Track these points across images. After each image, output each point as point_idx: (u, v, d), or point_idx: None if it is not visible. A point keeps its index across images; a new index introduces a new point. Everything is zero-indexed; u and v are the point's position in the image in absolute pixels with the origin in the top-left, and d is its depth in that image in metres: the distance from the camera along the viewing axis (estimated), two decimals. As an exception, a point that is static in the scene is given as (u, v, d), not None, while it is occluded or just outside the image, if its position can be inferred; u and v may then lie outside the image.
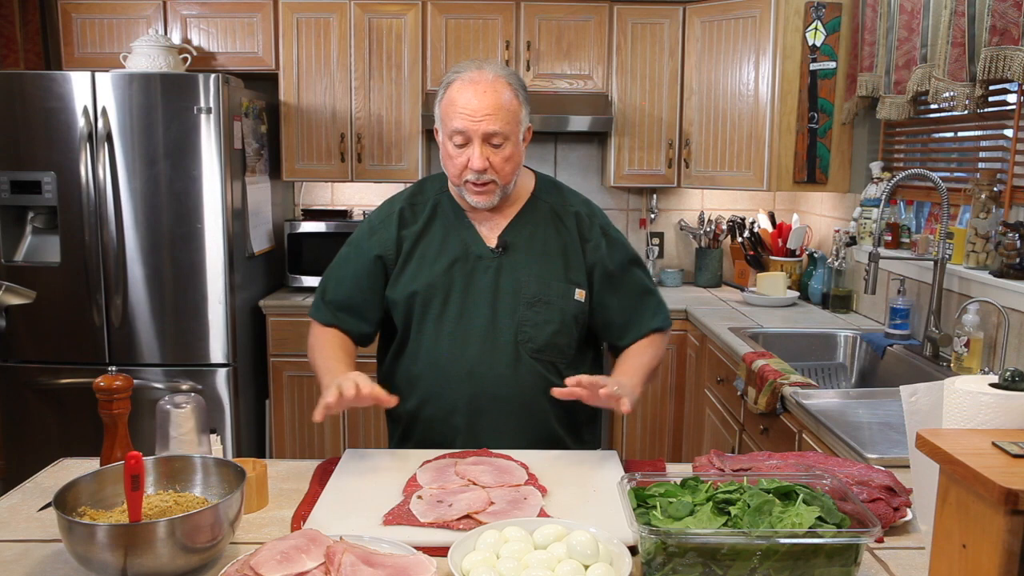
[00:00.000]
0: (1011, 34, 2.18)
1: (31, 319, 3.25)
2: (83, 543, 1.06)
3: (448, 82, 1.66)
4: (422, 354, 1.73)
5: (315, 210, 3.99)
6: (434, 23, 3.61)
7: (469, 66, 1.66)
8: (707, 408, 3.12)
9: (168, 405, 1.42)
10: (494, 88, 1.62)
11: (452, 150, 1.65)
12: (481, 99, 1.61)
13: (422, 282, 1.72)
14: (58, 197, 3.18)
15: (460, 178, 1.67)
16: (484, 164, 1.63)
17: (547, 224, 1.77)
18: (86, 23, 3.63)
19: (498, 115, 1.61)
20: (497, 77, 1.64)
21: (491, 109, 1.61)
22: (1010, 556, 0.85)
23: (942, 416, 1.05)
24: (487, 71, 1.64)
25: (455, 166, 1.66)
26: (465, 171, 1.65)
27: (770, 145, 3.41)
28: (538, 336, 1.71)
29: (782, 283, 3.49)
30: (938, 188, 2.47)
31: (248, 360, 3.45)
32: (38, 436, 3.32)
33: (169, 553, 1.07)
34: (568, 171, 4.06)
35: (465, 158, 1.64)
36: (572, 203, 1.83)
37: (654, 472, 1.40)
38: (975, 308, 2.33)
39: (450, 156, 1.66)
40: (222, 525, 1.12)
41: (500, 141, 1.63)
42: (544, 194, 1.81)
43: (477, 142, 1.62)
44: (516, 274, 1.72)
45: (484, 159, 1.63)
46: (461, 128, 1.61)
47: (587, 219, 1.82)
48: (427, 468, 1.47)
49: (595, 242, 1.80)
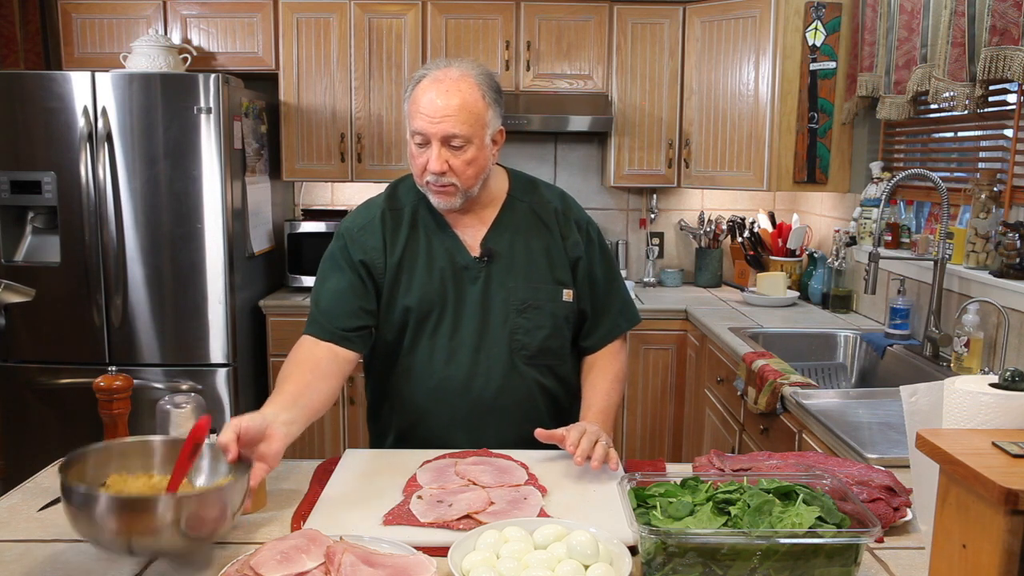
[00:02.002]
0: (1011, 34, 2.18)
1: (31, 319, 3.25)
2: (90, 514, 1.06)
3: (416, 79, 1.62)
4: (416, 372, 1.69)
5: (315, 210, 3.99)
6: (434, 23, 3.61)
7: (438, 64, 1.61)
8: (707, 408, 3.12)
9: (168, 405, 1.42)
10: (458, 87, 1.56)
11: (414, 149, 1.61)
12: (443, 99, 1.55)
13: (415, 297, 1.67)
14: (58, 197, 3.18)
15: (421, 178, 1.63)
16: (443, 167, 1.57)
17: (528, 226, 1.73)
18: (86, 23, 3.63)
19: (459, 116, 1.55)
20: (463, 75, 1.57)
21: (452, 110, 1.55)
22: (1010, 556, 0.85)
23: (942, 416, 1.05)
24: (453, 69, 1.58)
25: (416, 166, 1.63)
26: (425, 172, 1.61)
27: (770, 145, 3.41)
28: (531, 342, 1.69)
29: (782, 283, 3.49)
30: (938, 188, 2.47)
31: (248, 360, 3.45)
32: (38, 436, 3.32)
33: (174, 533, 1.06)
34: (568, 171, 4.06)
35: (425, 159, 1.59)
36: (549, 199, 1.77)
37: (654, 472, 1.40)
38: (975, 308, 2.33)
39: (413, 156, 1.62)
40: (232, 506, 1.13)
41: (461, 143, 1.57)
42: (520, 194, 1.76)
43: (436, 144, 1.57)
44: (504, 282, 1.68)
45: (443, 161, 1.57)
46: (420, 129, 1.57)
47: (563, 214, 1.76)
48: (427, 468, 1.47)
49: (573, 238, 1.75)
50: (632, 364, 3.46)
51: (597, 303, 1.78)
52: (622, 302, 1.81)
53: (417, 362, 1.70)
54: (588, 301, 1.76)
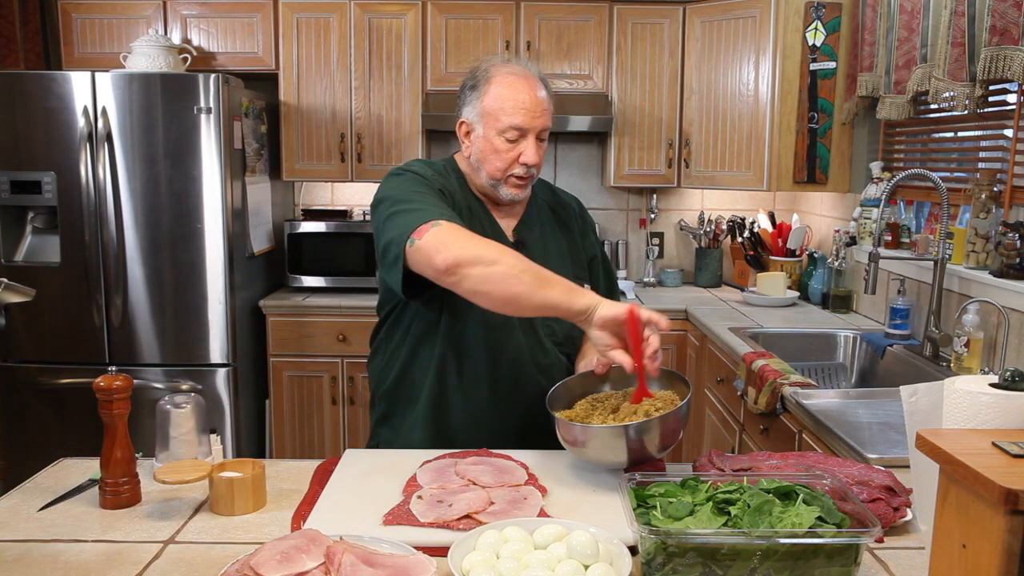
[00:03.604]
0: (1011, 34, 2.18)
1: (31, 319, 3.25)
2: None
3: (487, 78, 1.66)
4: (464, 334, 1.67)
5: (315, 210, 3.99)
6: (434, 23, 3.61)
7: (507, 61, 1.68)
8: (707, 408, 3.12)
9: (168, 405, 1.42)
10: (541, 84, 1.67)
11: (502, 145, 1.64)
12: (535, 94, 1.64)
13: None
14: (58, 197, 3.18)
15: (506, 172, 1.66)
16: (539, 157, 1.66)
17: (550, 222, 1.81)
18: (86, 23, 3.63)
19: (549, 111, 1.67)
20: (536, 74, 1.68)
21: (546, 104, 1.66)
22: (1010, 556, 0.85)
23: (942, 416, 1.05)
24: (529, 67, 1.68)
25: (504, 160, 1.65)
26: (514, 165, 1.65)
27: (770, 145, 3.41)
28: (560, 330, 1.74)
29: (782, 283, 3.49)
30: (938, 188, 2.47)
31: (248, 360, 3.45)
32: (38, 436, 3.33)
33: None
34: (568, 171, 4.06)
35: (517, 152, 1.64)
36: (567, 200, 1.88)
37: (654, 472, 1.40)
38: (975, 308, 2.33)
39: (497, 151, 1.65)
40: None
41: (545, 136, 1.68)
42: (541, 192, 1.85)
43: (532, 137, 1.64)
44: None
45: (538, 153, 1.66)
46: (520, 124, 1.62)
47: (581, 217, 1.88)
48: (427, 468, 1.47)
49: (590, 239, 1.87)
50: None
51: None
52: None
53: (464, 325, 1.67)
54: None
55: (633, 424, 1.36)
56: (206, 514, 1.33)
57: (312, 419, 3.56)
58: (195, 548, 1.21)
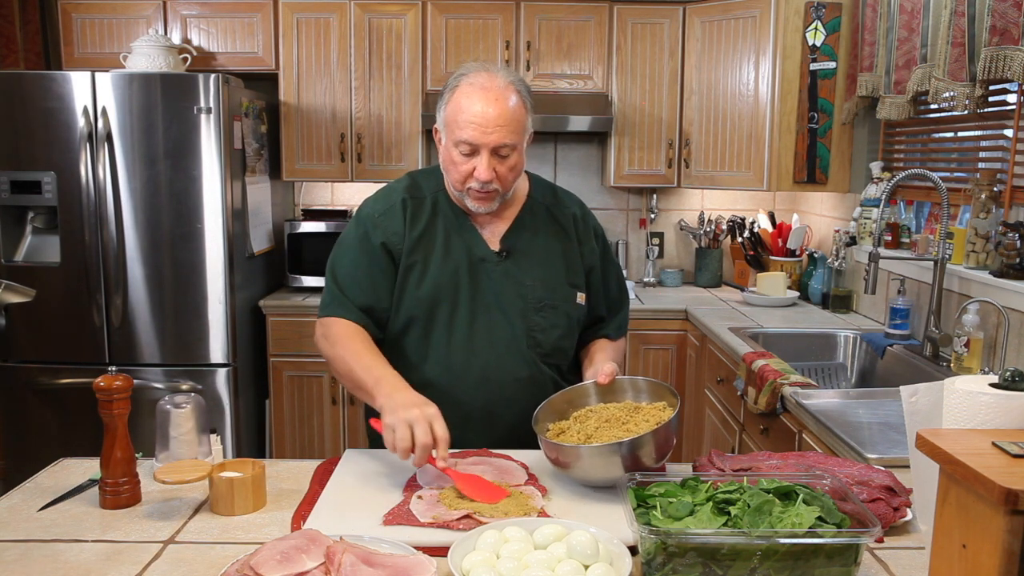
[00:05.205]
0: (1011, 34, 2.18)
1: (31, 319, 3.25)
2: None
3: (454, 85, 1.60)
4: (432, 360, 1.68)
5: (315, 210, 3.99)
6: (434, 23, 3.61)
7: (477, 69, 1.60)
8: (707, 408, 3.12)
9: (168, 405, 1.42)
10: (506, 97, 1.56)
11: (457, 157, 1.60)
12: (493, 108, 1.55)
13: (429, 285, 1.67)
14: (58, 197, 3.18)
15: (463, 185, 1.62)
16: (491, 175, 1.58)
17: (546, 228, 1.75)
18: (86, 23, 3.63)
19: (508, 126, 1.56)
20: (508, 84, 1.58)
21: (503, 120, 1.55)
22: (1010, 556, 0.85)
23: (942, 416, 1.05)
24: (498, 78, 1.58)
25: (459, 173, 1.61)
26: (469, 179, 1.60)
27: (770, 145, 3.41)
28: (546, 341, 1.70)
29: (782, 283, 3.49)
30: (938, 188, 2.47)
31: (248, 360, 3.45)
32: (38, 436, 3.32)
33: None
34: (568, 171, 4.06)
35: (470, 167, 1.59)
36: (568, 204, 1.81)
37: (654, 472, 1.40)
38: (975, 308, 2.33)
39: (454, 163, 1.61)
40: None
41: (507, 152, 1.59)
42: (540, 196, 1.79)
43: (485, 154, 1.57)
44: (521, 279, 1.69)
45: (491, 170, 1.58)
46: (469, 139, 1.56)
47: (582, 221, 1.81)
48: (427, 468, 1.47)
49: (590, 246, 1.80)
50: (632, 364, 3.46)
51: (600, 310, 1.82)
52: (623, 318, 1.87)
53: (434, 349, 1.68)
54: (595, 307, 1.81)
55: (602, 445, 1.37)
56: (206, 514, 1.33)
57: (312, 419, 3.56)
58: (195, 548, 1.21)
